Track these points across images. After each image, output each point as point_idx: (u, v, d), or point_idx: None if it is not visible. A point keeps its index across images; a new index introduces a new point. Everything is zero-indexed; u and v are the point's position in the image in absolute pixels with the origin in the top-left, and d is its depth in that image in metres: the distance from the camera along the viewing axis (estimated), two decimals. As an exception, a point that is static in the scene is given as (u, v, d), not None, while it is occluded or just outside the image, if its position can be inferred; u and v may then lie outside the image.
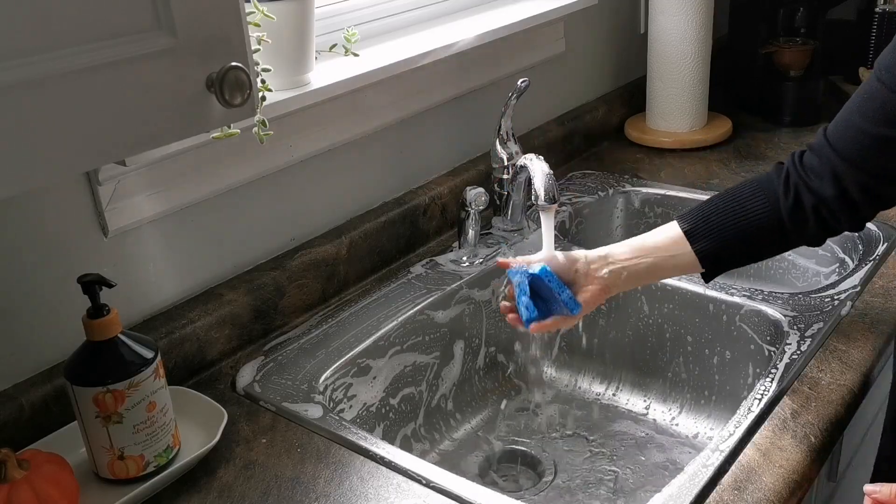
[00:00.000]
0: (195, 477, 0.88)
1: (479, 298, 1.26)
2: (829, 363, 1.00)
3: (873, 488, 0.84)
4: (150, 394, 0.84)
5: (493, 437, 1.21)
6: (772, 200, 0.95)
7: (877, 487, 0.83)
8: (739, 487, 0.83)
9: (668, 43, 1.65)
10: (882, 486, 0.84)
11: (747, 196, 0.97)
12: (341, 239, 1.21)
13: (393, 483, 0.86)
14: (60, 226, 0.93)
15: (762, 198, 0.96)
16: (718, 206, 0.98)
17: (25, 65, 0.54)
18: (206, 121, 0.65)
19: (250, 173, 1.10)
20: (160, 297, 1.04)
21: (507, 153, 1.33)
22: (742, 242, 0.96)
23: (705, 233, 0.96)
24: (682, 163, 1.63)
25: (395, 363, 1.14)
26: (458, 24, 1.38)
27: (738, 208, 0.96)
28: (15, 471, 0.77)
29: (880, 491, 0.83)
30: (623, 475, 1.13)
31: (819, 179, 0.92)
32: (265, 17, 0.97)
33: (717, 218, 0.97)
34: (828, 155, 0.92)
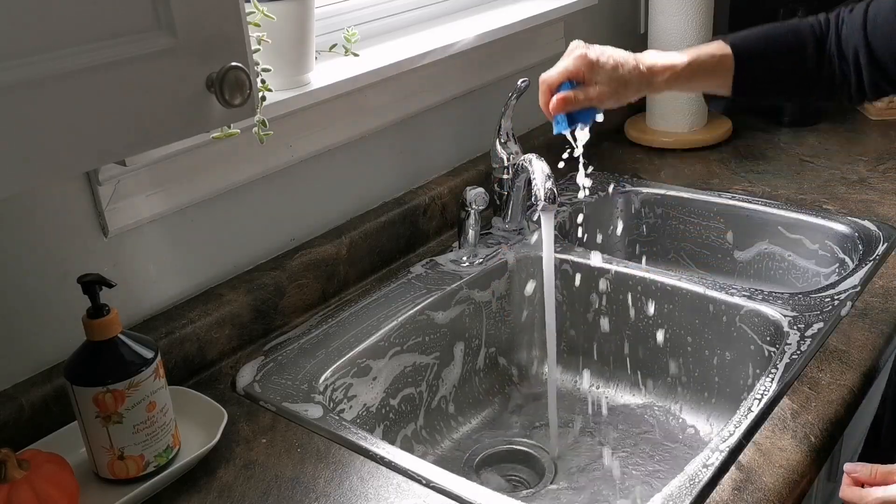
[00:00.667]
0: (195, 477, 0.88)
1: (480, 299, 1.26)
2: (829, 363, 1.00)
3: (853, 467, 0.84)
4: (150, 394, 0.84)
5: (493, 437, 1.21)
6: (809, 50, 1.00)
7: (857, 466, 0.84)
8: (739, 487, 0.83)
9: (668, 43, 1.64)
10: (862, 465, 0.84)
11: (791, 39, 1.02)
12: (341, 239, 1.21)
13: (393, 483, 0.86)
14: (61, 226, 0.93)
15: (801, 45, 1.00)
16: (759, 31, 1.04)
17: (25, 65, 0.54)
18: (206, 121, 0.65)
19: (250, 173, 1.10)
20: (160, 297, 1.04)
21: (507, 153, 1.33)
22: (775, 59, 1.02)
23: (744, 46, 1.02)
24: (682, 163, 1.63)
25: (395, 364, 1.14)
26: (458, 24, 1.38)
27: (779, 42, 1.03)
28: (15, 471, 0.77)
29: (860, 470, 0.83)
30: (623, 475, 1.13)
31: (845, 62, 0.97)
32: (265, 17, 0.97)
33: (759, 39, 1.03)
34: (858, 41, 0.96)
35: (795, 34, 1.01)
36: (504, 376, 1.31)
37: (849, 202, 1.39)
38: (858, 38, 0.96)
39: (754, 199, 1.43)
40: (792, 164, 1.58)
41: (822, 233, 1.35)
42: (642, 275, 1.24)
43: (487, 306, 1.27)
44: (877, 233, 1.28)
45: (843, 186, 1.46)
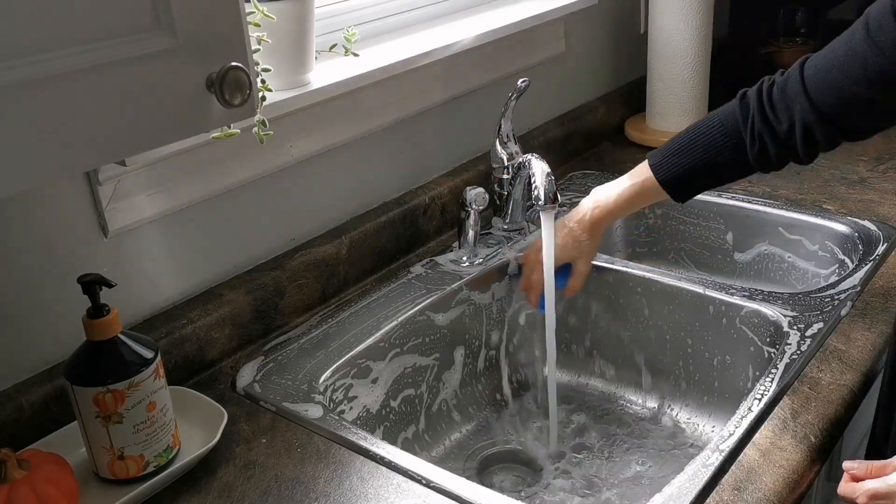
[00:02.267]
0: (195, 477, 0.88)
1: (479, 300, 1.26)
2: (829, 363, 1.01)
3: (851, 465, 0.85)
4: (150, 394, 0.84)
5: (493, 437, 1.21)
6: (737, 142, 1.03)
7: (854, 464, 0.84)
8: (739, 487, 0.83)
9: (668, 43, 1.65)
10: (860, 462, 0.84)
11: (713, 136, 1.05)
12: (341, 239, 1.21)
13: (393, 483, 0.86)
14: (60, 226, 0.93)
15: (725, 138, 1.04)
16: (683, 143, 1.07)
17: (25, 65, 0.54)
18: (206, 121, 0.65)
19: (250, 173, 1.10)
20: (160, 297, 1.04)
21: (507, 153, 1.33)
22: (706, 175, 1.07)
23: (669, 168, 1.08)
24: (682, 163, 1.63)
25: (395, 365, 1.14)
26: (457, 24, 1.38)
27: (702, 147, 1.06)
28: (15, 471, 0.77)
29: (857, 467, 0.84)
30: (622, 474, 1.13)
31: (788, 126, 0.98)
32: (265, 17, 0.97)
33: (682, 156, 1.07)
34: (801, 104, 0.97)
35: (713, 141, 1.05)
36: (504, 376, 1.31)
37: (849, 202, 1.39)
38: (801, 100, 0.97)
39: (754, 200, 1.43)
40: (792, 164, 1.58)
41: (822, 233, 1.35)
42: (642, 275, 1.24)
43: (487, 307, 1.27)
44: (877, 233, 1.28)
45: (843, 186, 1.46)
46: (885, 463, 0.82)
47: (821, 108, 0.95)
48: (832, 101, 0.94)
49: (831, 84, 0.93)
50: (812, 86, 0.95)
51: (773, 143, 1.01)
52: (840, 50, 0.93)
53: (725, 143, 1.04)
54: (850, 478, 0.84)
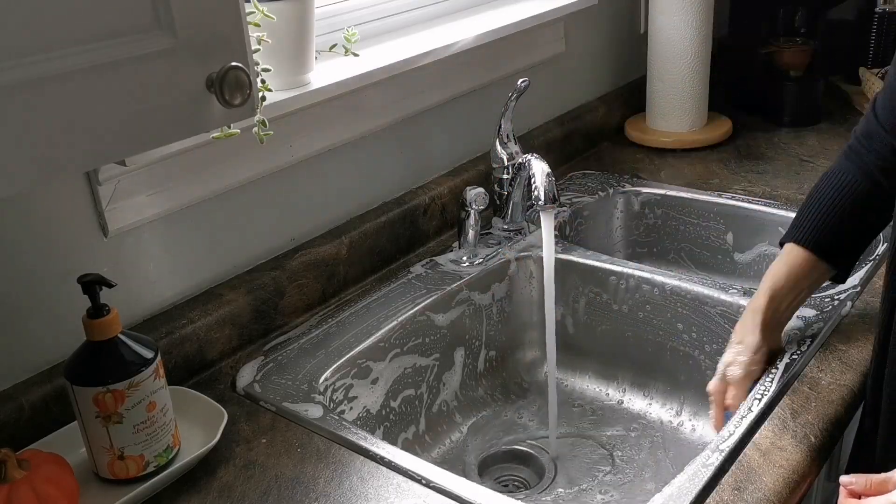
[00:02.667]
0: (195, 477, 0.88)
1: (480, 300, 1.26)
2: (829, 363, 1.01)
3: (849, 479, 0.84)
4: (150, 394, 0.84)
5: (493, 438, 1.21)
6: (868, 185, 0.98)
7: (853, 478, 0.84)
8: (739, 487, 0.83)
9: (668, 43, 1.65)
10: (857, 477, 0.84)
11: (833, 182, 1.00)
12: (341, 239, 1.21)
13: (393, 483, 0.86)
14: (60, 226, 0.93)
15: (844, 176, 0.99)
16: (810, 204, 1.01)
17: (25, 65, 0.54)
18: (206, 121, 0.65)
19: (250, 173, 1.10)
20: (160, 297, 1.04)
21: (507, 153, 1.33)
22: (856, 230, 1.00)
23: (810, 231, 0.99)
24: (682, 163, 1.63)
25: (395, 366, 1.14)
26: (457, 24, 1.38)
27: (828, 193, 1.00)
28: (15, 471, 0.77)
29: (856, 482, 0.83)
30: (623, 475, 1.13)
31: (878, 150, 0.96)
32: (265, 17, 0.97)
33: (814, 212, 1.00)
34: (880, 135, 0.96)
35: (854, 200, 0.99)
36: (504, 377, 1.31)
37: (849, 202, 1.39)
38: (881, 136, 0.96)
39: (754, 200, 1.43)
40: (792, 164, 1.58)
41: (822, 233, 1.35)
42: (642, 274, 1.24)
43: (487, 307, 1.27)
44: (877, 233, 1.28)
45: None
46: (884, 478, 0.81)
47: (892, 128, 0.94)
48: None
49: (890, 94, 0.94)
50: (882, 114, 0.96)
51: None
52: (892, 73, 0.94)
53: (861, 188, 0.98)
54: (849, 493, 0.83)
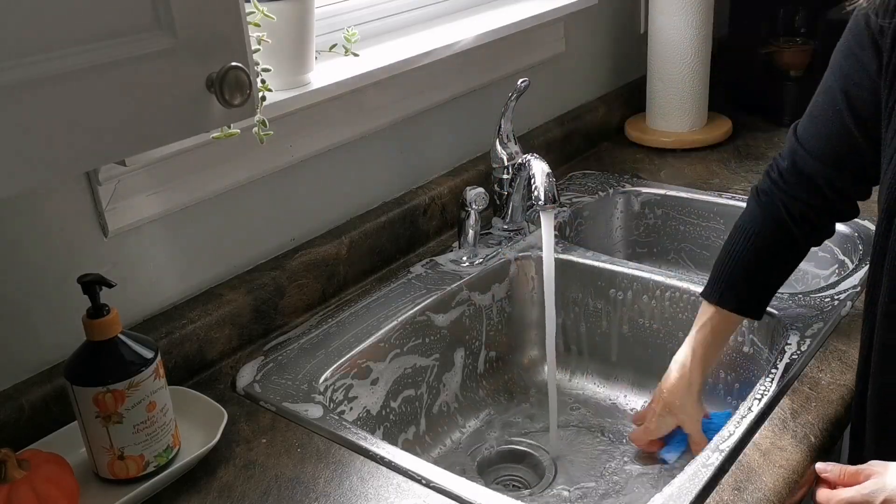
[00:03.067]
0: (195, 477, 0.88)
1: (479, 300, 1.26)
2: (829, 363, 1.00)
3: (824, 467, 0.85)
4: (150, 394, 0.84)
5: (493, 438, 1.21)
6: (781, 234, 1.01)
7: (828, 467, 0.85)
8: (739, 487, 0.83)
9: (668, 43, 1.65)
10: (833, 465, 0.85)
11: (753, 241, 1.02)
12: (341, 239, 1.21)
13: (393, 483, 0.86)
14: (60, 226, 0.93)
15: (768, 236, 1.01)
16: (726, 264, 1.04)
17: (25, 65, 0.54)
18: (206, 121, 0.65)
19: (250, 173, 1.10)
20: (160, 297, 1.04)
21: (507, 153, 1.33)
22: (767, 280, 1.04)
23: (730, 292, 1.03)
24: (682, 163, 1.63)
25: (395, 366, 1.14)
26: (458, 24, 1.38)
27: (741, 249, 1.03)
28: (15, 471, 0.77)
29: (830, 471, 0.84)
30: (623, 475, 1.13)
31: (813, 192, 0.98)
32: (265, 17, 0.97)
33: (736, 274, 1.03)
34: (808, 163, 0.97)
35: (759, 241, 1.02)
36: (504, 377, 1.31)
37: (849, 202, 1.39)
38: (807, 161, 0.97)
39: (754, 199, 1.43)
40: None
41: (822, 233, 1.35)
42: (642, 275, 1.24)
43: (487, 307, 1.27)
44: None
45: (843, 186, 1.46)
46: (857, 469, 0.83)
47: (824, 159, 0.95)
48: (824, 143, 0.95)
49: (817, 125, 0.96)
50: (807, 142, 0.97)
51: (815, 213, 0.99)
52: (816, 98, 0.96)
53: (770, 239, 1.01)
54: (822, 481, 0.85)
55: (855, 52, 0.90)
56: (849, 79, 0.91)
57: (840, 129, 0.93)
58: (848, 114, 0.91)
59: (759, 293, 1.05)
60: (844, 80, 0.91)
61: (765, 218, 1.01)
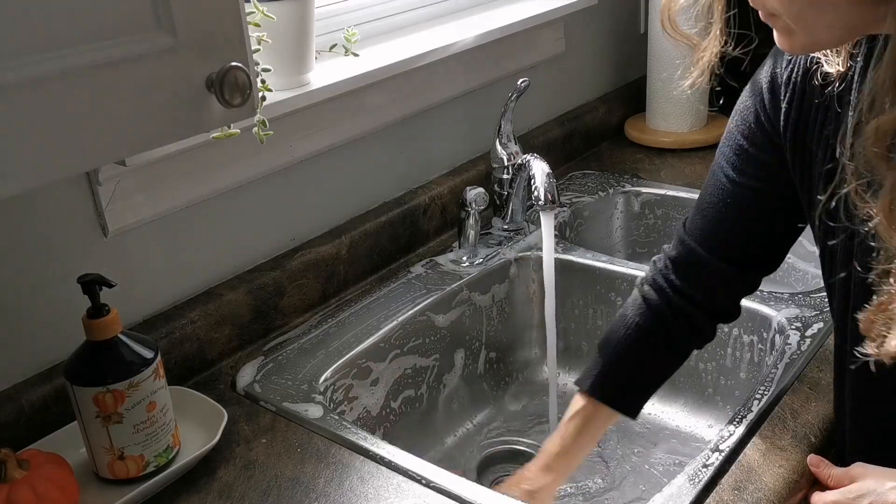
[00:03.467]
0: (195, 477, 0.88)
1: (479, 300, 1.26)
2: (829, 363, 1.00)
3: (816, 461, 0.85)
4: (150, 394, 0.84)
5: (493, 438, 1.21)
6: (664, 331, 0.94)
7: (819, 462, 0.85)
8: (739, 487, 0.83)
9: (668, 43, 1.64)
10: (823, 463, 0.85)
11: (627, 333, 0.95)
12: (341, 239, 1.21)
13: (393, 483, 0.86)
14: (61, 226, 0.93)
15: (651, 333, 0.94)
16: (609, 356, 0.96)
17: (25, 65, 0.54)
18: (206, 121, 0.65)
19: (250, 173, 1.10)
20: (160, 297, 1.04)
21: (507, 153, 1.33)
22: (646, 377, 0.96)
23: (595, 376, 0.95)
24: (682, 163, 1.63)
25: (395, 367, 1.14)
26: (458, 24, 1.38)
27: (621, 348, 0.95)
28: (15, 471, 0.77)
29: (820, 471, 0.85)
30: (623, 475, 1.13)
31: (701, 286, 0.91)
32: (265, 17, 0.97)
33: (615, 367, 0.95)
34: (697, 254, 0.91)
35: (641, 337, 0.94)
36: (504, 377, 1.31)
37: (849, 202, 1.39)
38: (695, 253, 0.90)
39: (754, 199, 1.43)
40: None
41: (822, 233, 1.35)
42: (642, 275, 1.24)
43: (487, 307, 1.27)
44: (877, 233, 1.28)
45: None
46: (844, 472, 0.83)
47: (712, 247, 0.90)
48: (718, 235, 0.89)
49: (709, 221, 0.89)
50: (695, 233, 0.91)
51: (698, 311, 0.92)
52: (703, 191, 0.90)
53: (648, 333, 0.93)
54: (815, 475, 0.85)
55: (749, 150, 0.85)
56: (744, 173, 0.86)
57: (735, 222, 0.88)
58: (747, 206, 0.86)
59: (634, 390, 0.96)
60: (739, 173, 0.86)
61: (647, 309, 0.94)
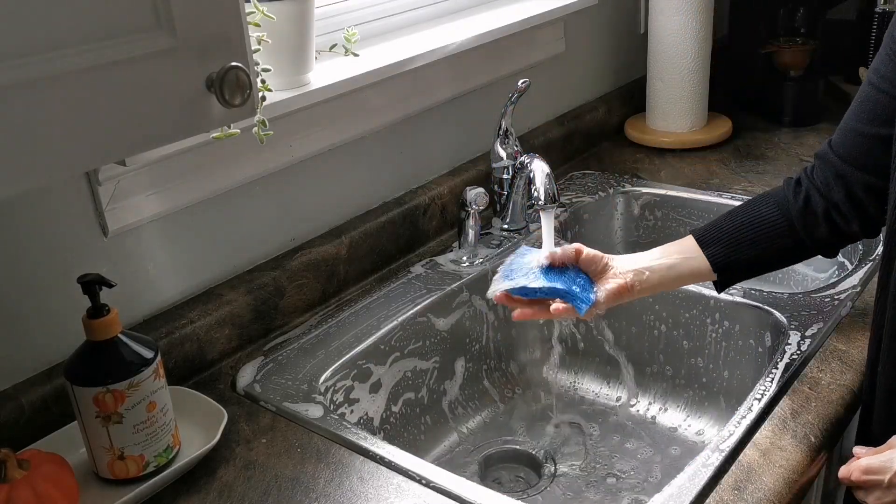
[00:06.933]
0: (195, 477, 0.88)
1: (479, 300, 1.26)
2: (829, 363, 1.00)
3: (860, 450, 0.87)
4: (150, 394, 0.84)
5: (493, 437, 1.21)
6: (782, 207, 0.98)
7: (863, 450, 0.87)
8: (739, 487, 0.83)
9: (668, 43, 1.65)
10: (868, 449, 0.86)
11: (758, 205, 1.00)
12: (341, 239, 1.21)
13: (393, 483, 0.86)
14: (60, 226, 0.93)
15: (772, 205, 0.99)
16: (730, 215, 1.01)
17: (26, 65, 0.54)
18: (206, 121, 0.65)
19: (250, 173, 1.10)
20: (160, 297, 1.04)
21: (507, 153, 1.33)
22: (753, 247, 0.98)
23: (716, 239, 0.98)
24: (682, 163, 1.63)
25: (395, 370, 1.14)
26: (458, 24, 1.38)
27: (748, 216, 0.99)
28: (15, 471, 0.77)
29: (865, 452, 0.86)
30: (623, 475, 1.13)
31: (826, 185, 0.96)
32: (265, 17, 0.97)
33: (728, 225, 0.99)
34: (832, 161, 0.96)
35: (763, 222, 0.98)
36: (504, 378, 1.31)
37: (849, 202, 1.39)
38: (837, 164, 0.95)
39: (754, 199, 1.43)
40: (792, 164, 1.58)
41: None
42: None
43: (488, 308, 1.27)
44: (877, 233, 1.28)
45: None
46: (885, 445, 0.85)
47: (850, 159, 0.94)
48: (856, 149, 0.93)
49: (851, 134, 0.94)
50: (837, 143, 0.96)
51: (820, 199, 0.96)
52: (853, 105, 0.94)
53: (780, 224, 0.97)
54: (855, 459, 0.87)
55: None
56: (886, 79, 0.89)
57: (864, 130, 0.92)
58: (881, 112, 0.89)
59: (737, 261, 0.98)
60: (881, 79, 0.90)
61: (787, 199, 0.98)
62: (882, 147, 0.90)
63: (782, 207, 0.98)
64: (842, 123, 0.96)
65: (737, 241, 0.98)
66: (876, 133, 0.90)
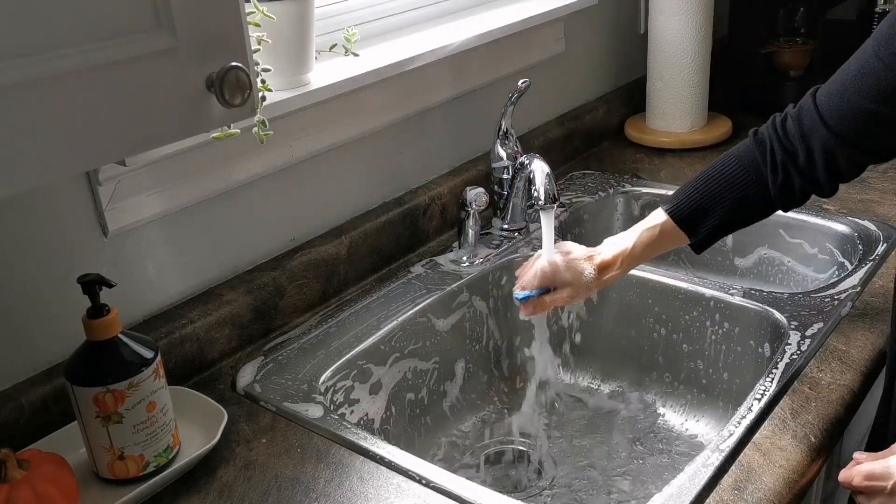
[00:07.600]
0: (195, 477, 0.88)
1: (479, 300, 1.26)
2: (829, 363, 1.01)
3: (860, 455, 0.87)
4: (150, 394, 0.84)
5: (493, 438, 1.21)
6: (757, 178, 0.99)
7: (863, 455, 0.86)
8: (739, 487, 0.83)
9: (668, 43, 1.65)
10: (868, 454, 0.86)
11: (732, 174, 1.01)
12: (341, 239, 1.21)
13: (393, 483, 0.86)
14: (60, 226, 0.93)
15: (747, 176, 1.00)
16: (699, 183, 1.02)
17: (26, 65, 0.54)
18: (206, 121, 0.65)
19: (250, 173, 1.10)
20: (160, 297, 1.04)
21: (507, 153, 1.33)
22: (725, 215, 1.01)
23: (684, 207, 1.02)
24: (682, 163, 1.63)
25: (395, 370, 1.14)
26: (457, 24, 1.38)
27: (722, 188, 1.01)
28: (15, 471, 0.77)
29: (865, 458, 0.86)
30: (623, 475, 1.13)
31: (807, 156, 0.95)
32: (265, 17, 0.97)
33: (698, 195, 1.02)
34: (819, 131, 0.94)
35: (731, 177, 1.00)
36: (503, 377, 1.31)
37: (849, 202, 1.39)
38: (818, 128, 0.93)
39: (754, 200, 1.43)
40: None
41: (822, 234, 1.35)
42: (642, 275, 1.24)
43: (487, 308, 1.27)
44: (876, 233, 1.28)
45: (843, 186, 1.45)
46: (887, 451, 0.84)
47: (839, 132, 0.92)
48: (849, 122, 0.91)
49: (847, 106, 0.91)
50: (827, 111, 0.93)
51: (797, 174, 0.97)
52: (852, 71, 0.91)
53: (745, 178, 0.99)
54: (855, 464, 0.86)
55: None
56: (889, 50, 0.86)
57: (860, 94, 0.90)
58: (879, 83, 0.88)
59: (708, 222, 1.02)
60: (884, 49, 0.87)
61: (753, 167, 0.99)
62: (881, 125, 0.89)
63: (757, 180, 0.99)
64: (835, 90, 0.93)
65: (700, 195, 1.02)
66: (877, 111, 0.88)
